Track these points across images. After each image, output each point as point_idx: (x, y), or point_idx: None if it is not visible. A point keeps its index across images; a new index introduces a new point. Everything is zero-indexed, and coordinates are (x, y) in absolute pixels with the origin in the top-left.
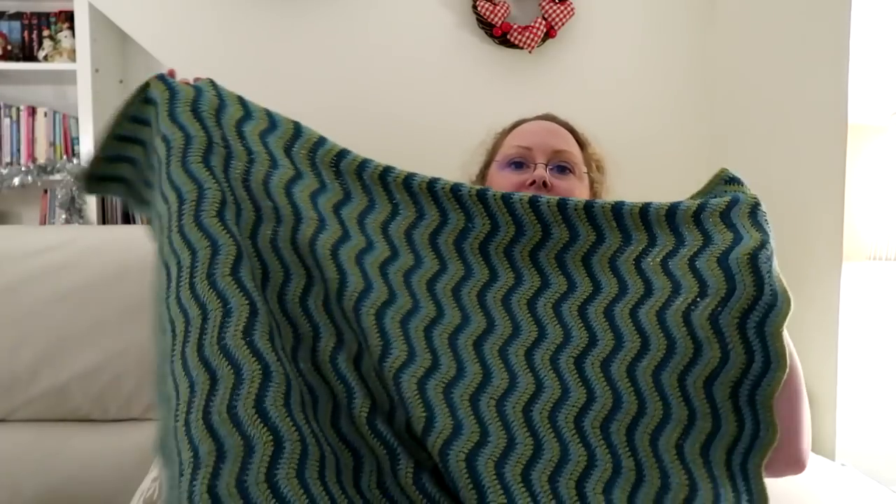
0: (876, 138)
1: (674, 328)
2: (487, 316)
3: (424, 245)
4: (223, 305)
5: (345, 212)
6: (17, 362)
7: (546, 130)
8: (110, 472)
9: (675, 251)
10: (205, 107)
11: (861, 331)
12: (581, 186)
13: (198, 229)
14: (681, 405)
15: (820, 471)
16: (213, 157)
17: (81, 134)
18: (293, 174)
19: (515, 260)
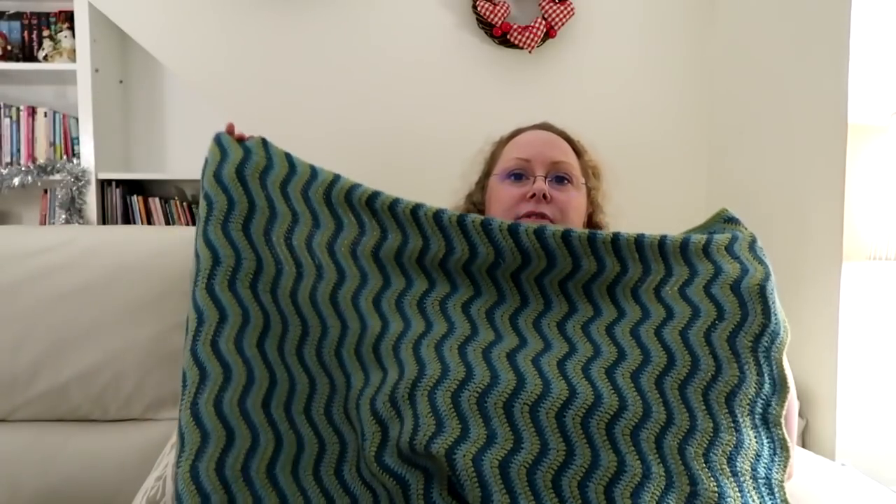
0: (876, 138)
1: (696, 346)
2: (519, 335)
3: (459, 273)
4: (246, 372)
5: (382, 253)
6: (17, 362)
7: (544, 142)
8: (110, 472)
9: (691, 280)
10: (250, 169)
11: (861, 331)
12: (579, 196)
13: (232, 296)
14: (706, 418)
15: (820, 471)
16: (254, 222)
17: (81, 134)
18: (334, 229)
19: (545, 289)
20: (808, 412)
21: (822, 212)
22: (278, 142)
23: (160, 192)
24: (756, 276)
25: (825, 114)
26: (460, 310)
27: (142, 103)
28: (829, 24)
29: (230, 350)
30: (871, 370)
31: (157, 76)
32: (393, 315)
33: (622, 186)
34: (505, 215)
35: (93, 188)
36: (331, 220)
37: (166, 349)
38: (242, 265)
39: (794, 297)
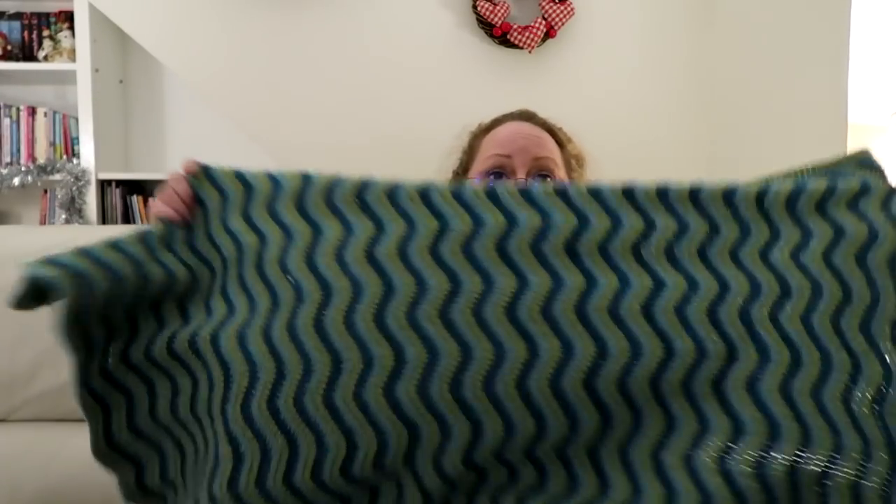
0: (876, 138)
1: (824, 339)
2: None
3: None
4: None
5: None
6: (17, 362)
7: (524, 136)
8: None
9: (804, 246)
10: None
11: None
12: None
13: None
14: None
15: None
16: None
17: (81, 134)
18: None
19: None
20: None
21: None
22: (278, 141)
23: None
24: (887, 245)
25: (825, 114)
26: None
27: (142, 103)
28: (829, 24)
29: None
30: None
31: (157, 76)
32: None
33: None
34: None
35: (93, 188)
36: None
37: None
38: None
39: None
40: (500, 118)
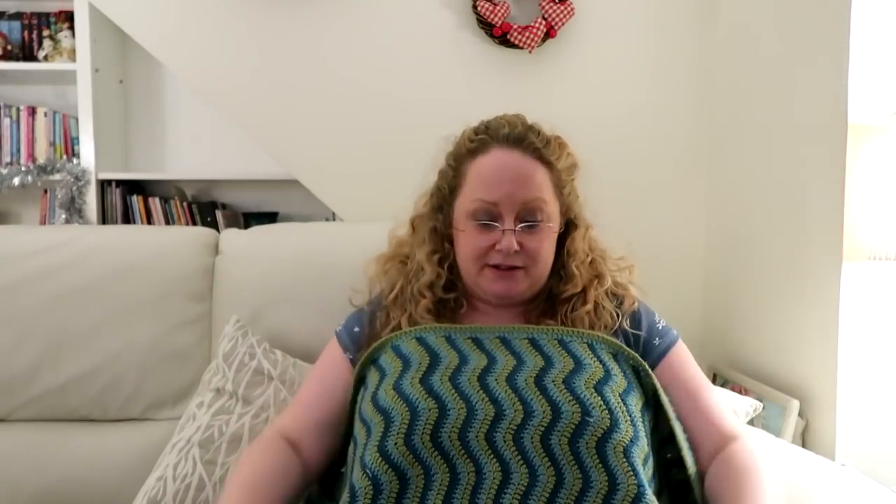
0: (876, 138)
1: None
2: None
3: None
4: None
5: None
6: (17, 362)
7: (510, 179)
8: (110, 472)
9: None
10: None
11: (861, 331)
12: (551, 232)
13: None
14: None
15: (820, 471)
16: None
17: (81, 134)
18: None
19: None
20: (808, 412)
21: (822, 212)
22: (278, 141)
23: (160, 192)
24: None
25: (825, 114)
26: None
27: (142, 103)
28: (829, 24)
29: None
30: (871, 370)
31: (157, 76)
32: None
33: (622, 185)
34: (473, 264)
35: (93, 188)
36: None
37: (166, 349)
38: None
39: (795, 297)
40: (486, 138)
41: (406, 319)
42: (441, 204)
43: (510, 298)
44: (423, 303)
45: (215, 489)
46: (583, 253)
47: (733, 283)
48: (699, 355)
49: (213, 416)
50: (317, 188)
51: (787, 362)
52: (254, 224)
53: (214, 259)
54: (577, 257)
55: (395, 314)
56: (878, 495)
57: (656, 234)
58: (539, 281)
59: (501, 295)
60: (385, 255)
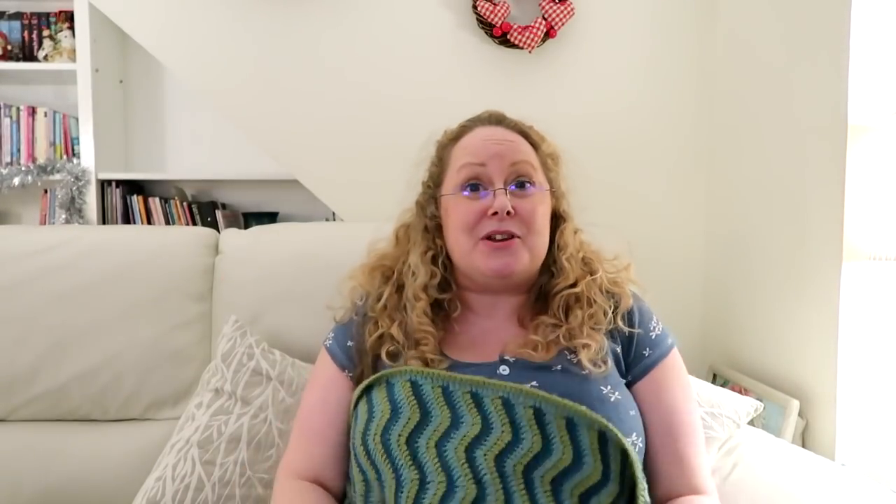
0: (876, 138)
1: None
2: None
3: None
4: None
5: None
6: (17, 362)
7: (497, 142)
8: (110, 472)
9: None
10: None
11: (861, 331)
12: (543, 199)
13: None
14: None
15: (820, 471)
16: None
17: (81, 134)
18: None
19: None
20: (808, 412)
21: (822, 212)
22: (278, 141)
23: (160, 192)
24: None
25: (825, 114)
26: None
27: (142, 103)
28: (829, 24)
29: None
30: (871, 370)
31: (157, 76)
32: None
33: (621, 185)
34: (466, 238)
35: (93, 188)
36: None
37: (166, 349)
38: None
39: (794, 297)
40: (466, 124)
41: (397, 328)
42: (427, 201)
43: (509, 276)
44: (419, 305)
45: (214, 489)
46: (573, 248)
47: (733, 283)
48: (699, 355)
49: (212, 417)
50: (317, 188)
51: (787, 362)
52: (254, 224)
53: (214, 259)
54: (568, 250)
55: (383, 323)
56: (878, 495)
57: (656, 234)
58: (538, 253)
59: (499, 271)
60: (367, 264)
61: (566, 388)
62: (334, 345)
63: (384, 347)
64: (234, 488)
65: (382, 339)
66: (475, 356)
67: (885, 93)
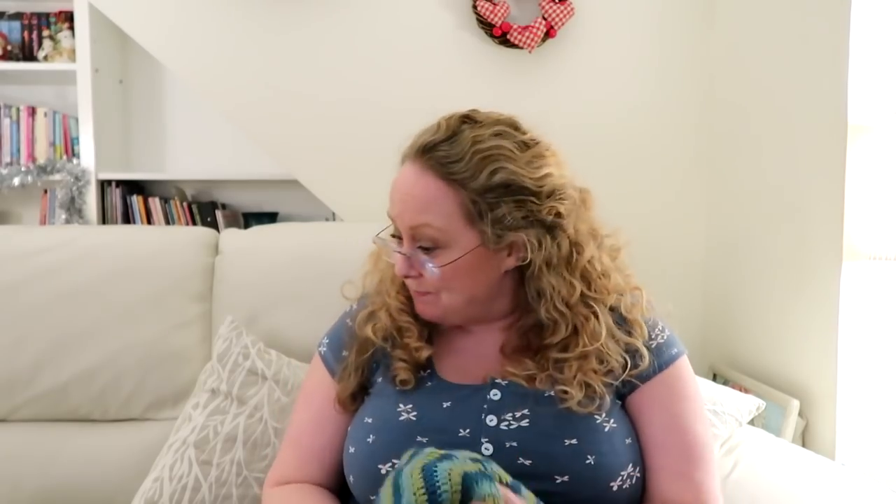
0: (876, 138)
1: None
2: None
3: None
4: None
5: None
6: (17, 362)
7: (401, 196)
8: (110, 472)
9: None
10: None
11: (861, 331)
12: (450, 256)
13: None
14: None
15: (820, 471)
16: None
17: (81, 134)
18: None
19: None
20: (808, 412)
21: (822, 212)
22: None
23: (160, 192)
24: None
25: (825, 114)
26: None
27: (142, 103)
28: (829, 24)
29: None
30: (871, 370)
31: (157, 76)
32: None
33: (621, 185)
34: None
35: (93, 188)
36: None
37: (166, 349)
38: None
39: (794, 297)
40: (407, 148)
41: (384, 312)
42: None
43: (437, 322)
44: (393, 303)
45: (211, 489)
46: (557, 293)
47: (733, 283)
48: (699, 355)
49: (209, 417)
50: (317, 188)
51: (787, 362)
52: (254, 224)
53: (214, 259)
54: (548, 297)
55: (375, 301)
56: (878, 495)
57: (656, 234)
58: (458, 310)
59: (425, 316)
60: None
61: (556, 420)
62: (328, 352)
63: (369, 324)
64: (230, 488)
65: (370, 317)
66: (464, 376)
67: (885, 93)
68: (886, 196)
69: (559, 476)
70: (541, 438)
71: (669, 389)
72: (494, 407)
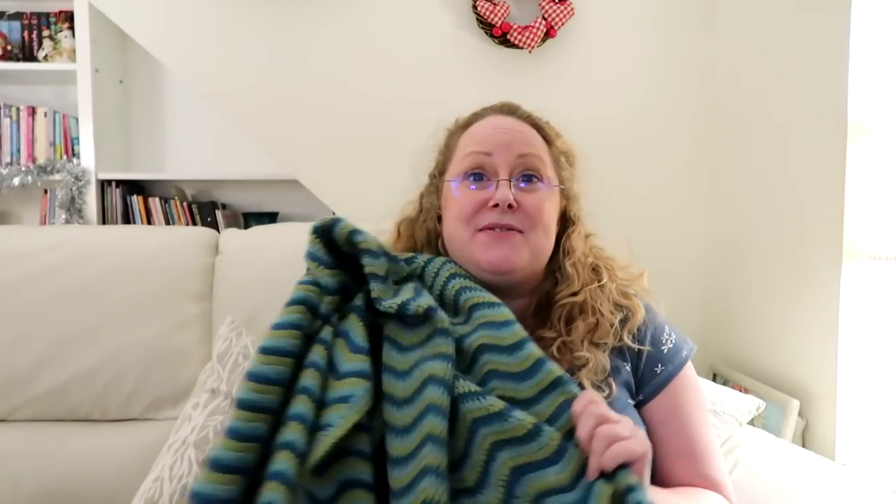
0: (876, 138)
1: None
2: None
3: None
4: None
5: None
6: (18, 362)
7: (506, 131)
8: (110, 472)
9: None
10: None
11: (861, 331)
12: (551, 196)
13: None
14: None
15: (820, 471)
16: None
17: (81, 134)
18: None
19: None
20: (808, 412)
21: (822, 212)
22: (278, 141)
23: (160, 192)
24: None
25: (825, 114)
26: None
27: (142, 103)
28: (829, 24)
29: None
30: (871, 370)
31: (157, 76)
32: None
33: (621, 185)
34: (463, 228)
35: (93, 188)
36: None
37: (166, 349)
38: None
39: (794, 297)
40: (479, 112)
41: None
42: (429, 191)
43: (508, 272)
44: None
45: None
46: (581, 253)
47: (733, 283)
48: (699, 355)
49: (208, 417)
50: (317, 188)
51: (787, 362)
52: (254, 224)
53: (214, 259)
54: (575, 255)
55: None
56: (878, 495)
57: (657, 234)
58: (540, 252)
59: (497, 265)
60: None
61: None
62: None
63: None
64: None
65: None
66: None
67: (885, 93)
68: (886, 196)
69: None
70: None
71: (680, 392)
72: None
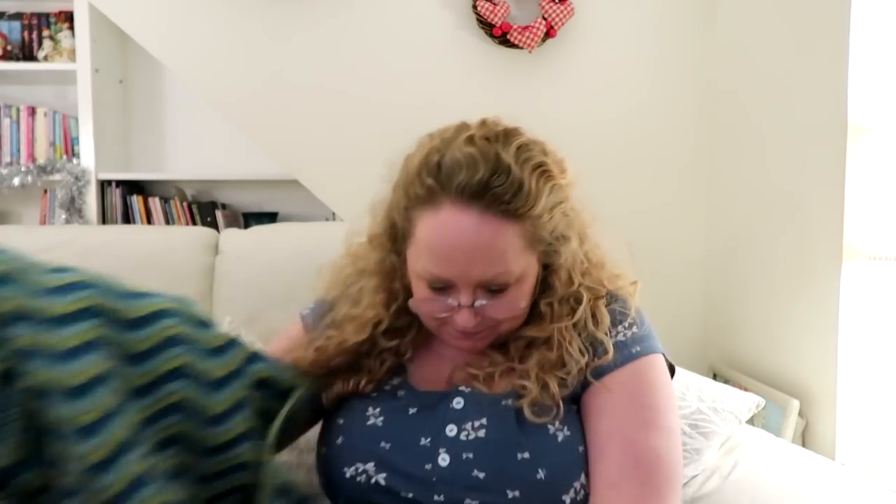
0: (876, 138)
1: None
2: None
3: None
4: None
5: None
6: None
7: (465, 253)
8: None
9: None
10: None
11: (861, 331)
12: (522, 283)
13: None
14: None
15: (820, 471)
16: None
17: (81, 134)
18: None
19: None
20: (808, 412)
21: (822, 212)
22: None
23: (160, 192)
24: None
25: (825, 114)
26: None
27: (142, 103)
28: (829, 24)
29: None
30: (871, 370)
31: (157, 76)
32: None
33: (622, 185)
34: (429, 323)
35: (93, 188)
36: None
37: None
38: None
39: (794, 297)
40: (436, 188)
41: (351, 326)
42: (394, 236)
43: (477, 351)
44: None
45: None
46: (562, 287)
47: (733, 283)
48: (699, 355)
49: None
50: (317, 188)
51: (787, 362)
52: (254, 224)
53: (214, 259)
54: (554, 294)
55: (341, 306)
56: (878, 495)
57: (657, 234)
58: (516, 325)
59: (470, 351)
60: (338, 262)
61: (511, 431)
62: (310, 314)
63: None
64: None
65: (336, 325)
66: (431, 382)
67: (885, 93)
68: (886, 196)
69: (511, 490)
70: (495, 451)
71: (623, 391)
72: (455, 416)
